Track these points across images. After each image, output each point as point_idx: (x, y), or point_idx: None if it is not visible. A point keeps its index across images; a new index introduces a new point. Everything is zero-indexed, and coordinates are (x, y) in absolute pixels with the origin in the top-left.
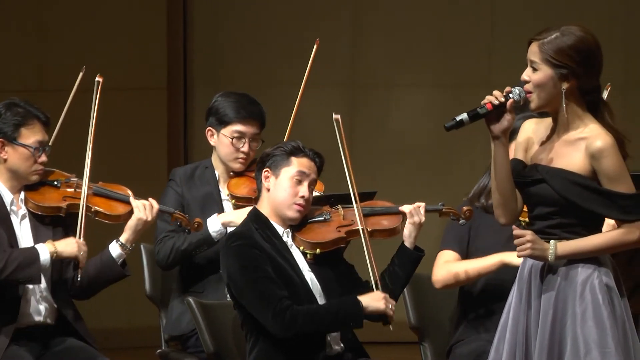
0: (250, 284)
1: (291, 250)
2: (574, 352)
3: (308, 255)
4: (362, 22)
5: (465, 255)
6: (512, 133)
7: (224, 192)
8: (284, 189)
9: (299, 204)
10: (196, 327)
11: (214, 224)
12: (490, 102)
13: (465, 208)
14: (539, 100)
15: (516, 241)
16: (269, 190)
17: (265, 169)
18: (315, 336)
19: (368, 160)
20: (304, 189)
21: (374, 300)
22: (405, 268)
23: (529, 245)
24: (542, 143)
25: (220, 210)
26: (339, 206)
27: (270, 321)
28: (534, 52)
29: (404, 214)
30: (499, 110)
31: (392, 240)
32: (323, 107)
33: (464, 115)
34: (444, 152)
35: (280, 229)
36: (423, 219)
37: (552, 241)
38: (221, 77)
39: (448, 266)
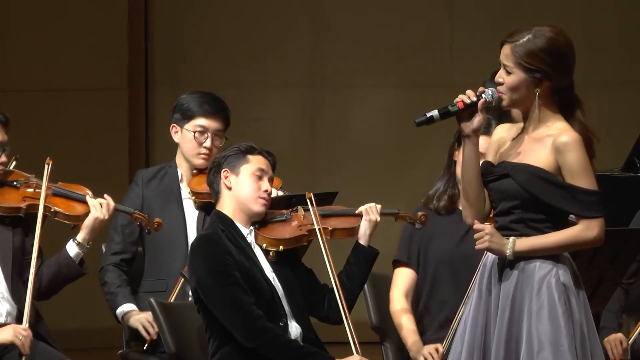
0: (220, 290)
1: (254, 250)
2: (529, 349)
3: (270, 254)
4: (322, 23)
5: (417, 265)
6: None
7: (186, 191)
8: (246, 184)
9: (263, 198)
10: (158, 327)
11: (121, 312)
12: (462, 101)
13: (420, 213)
14: (510, 101)
15: (475, 235)
16: (230, 189)
17: (223, 169)
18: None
19: (330, 160)
20: (265, 184)
21: None
22: (360, 266)
23: (487, 237)
24: (512, 142)
25: (180, 207)
26: (299, 208)
27: (239, 328)
28: (506, 56)
29: (361, 215)
30: (470, 109)
31: (351, 243)
32: (284, 108)
33: (434, 112)
34: (405, 152)
35: (244, 230)
36: (378, 218)
37: (511, 237)
38: (182, 78)
39: (397, 303)
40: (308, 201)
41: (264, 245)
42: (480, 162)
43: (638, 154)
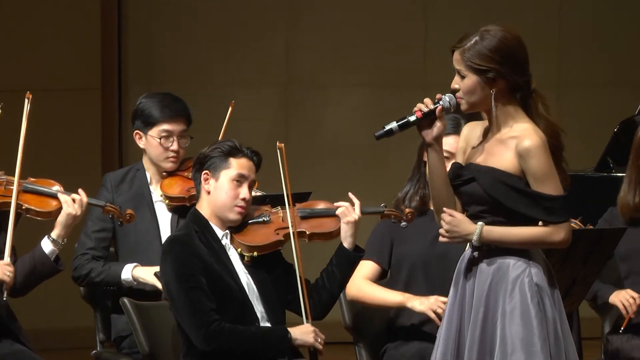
0: (182, 293)
1: (229, 253)
2: (502, 350)
3: (245, 258)
4: (297, 22)
5: (388, 264)
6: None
7: (157, 194)
8: (224, 191)
9: (240, 206)
10: (131, 327)
11: (127, 273)
12: (420, 110)
13: (407, 210)
14: (468, 105)
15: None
16: (209, 192)
17: (204, 171)
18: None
19: (303, 159)
20: (244, 191)
21: (303, 333)
22: (342, 268)
23: (446, 236)
24: (479, 143)
25: (152, 211)
26: (279, 207)
27: (194, 331)
28: (457, 61)
29: None
30: (429, 117)
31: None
32: (258, 107)
33: (393, 124)
34: (379, 152)
35: (219, 232)
36: (356, 217)
37: (479, 223)
38: (156, 78)
39: (361, 284)
40: (278, 151)
41: (239, 250)
42: (451, 164)
43: (611, 154)
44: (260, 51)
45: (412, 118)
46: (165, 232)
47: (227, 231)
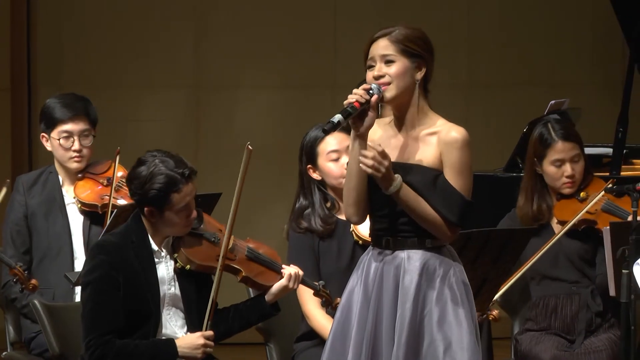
0: (90, 304)
1: (161, 261)
2: (433, 349)
3: (177, 264)
4: (206, 23)
5: (318, 278)
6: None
7: (69, 196)
8: (174, 223)
9: (189, 226)
10: (41, 328)
11: None
12: (357, 101)
13: (338, 300)
14: (396, 90)
15: (365, 154)
16: (155, 222)
17: (146, 207)
18: None
19: (214, 160)
20: (192, 213)
21: (192, 349)
22: (251, 315)
23: (366, 162)
24: (388, 142)
25: (64, 214)
26: (233, 236)
27: (84, 346)
28: (385, 47)
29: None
30: (363, 108)
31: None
32: (168, 109)
33: (338, 116)
34: (289, 153)
35: (154, 247)
36: (296, 286)
37: (399, 177)
38: (66, 79)
39: (321, 319)
40: (245, 152)
41: (175, 255)
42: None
43: (520, 154)
44: (170, 52)
45: (353, 109)
46: (77, 235)
47: (166, 239)
